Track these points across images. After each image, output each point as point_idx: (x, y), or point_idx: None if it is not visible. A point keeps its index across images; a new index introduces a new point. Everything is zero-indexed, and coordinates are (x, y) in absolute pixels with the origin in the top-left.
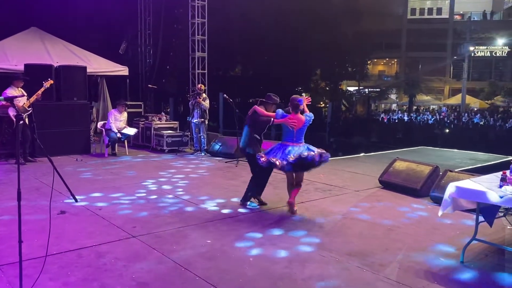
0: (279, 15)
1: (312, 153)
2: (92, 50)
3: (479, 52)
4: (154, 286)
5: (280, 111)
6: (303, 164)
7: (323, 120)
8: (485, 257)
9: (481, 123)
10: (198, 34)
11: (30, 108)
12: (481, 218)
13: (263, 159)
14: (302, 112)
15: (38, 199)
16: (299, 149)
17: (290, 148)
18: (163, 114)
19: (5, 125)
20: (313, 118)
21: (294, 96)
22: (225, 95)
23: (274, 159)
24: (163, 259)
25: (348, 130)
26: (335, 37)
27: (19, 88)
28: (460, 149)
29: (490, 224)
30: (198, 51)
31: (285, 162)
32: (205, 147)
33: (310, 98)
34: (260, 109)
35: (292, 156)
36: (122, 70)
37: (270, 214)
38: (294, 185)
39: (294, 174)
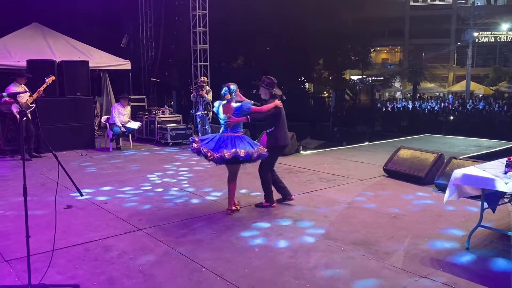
0: (280, 5)
1: (251, 150)
2: (93, 45)
3: (483, 38)
4: (161, 278)
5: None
6: (238, 161)
7: (327, 109)
8: (490, 243)
9: (486, 108)
10: (199, 26)
11: (33, 105)
12: (486, 205)
13: (195, 145)
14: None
15: (44, 194)
16: (233, 143)
17: (223, 140)
18: (166, 107)
19: (9, 121)
20: (243, 105)
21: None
22: None
23: (206, 150)
24: (169, 251)
25: (352, 119)
26: (337, 26)
27: (22, 85)
28: (464, 136)
29: (493, 210)
30: (200, 43)
31: (218, 155)
32: None
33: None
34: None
35: (227, 153)
36: (124, 64)
37: (275, 204)
38: (231, 181)
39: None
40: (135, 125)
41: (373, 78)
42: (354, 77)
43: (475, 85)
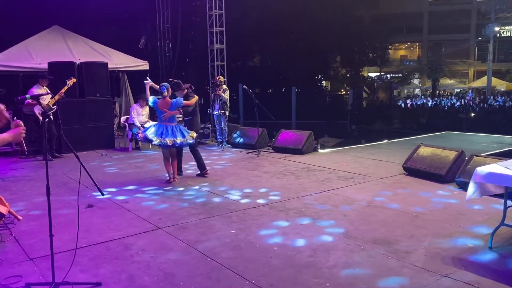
0: (296, 4)
1: (182, 139)
2: (112, 46)
3: (504, 32)
4: (181, 276)
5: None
6: (176, 147)
7: (345, 107)
8: None
9: (508, 104)
10: (216, 26)
11: (54, 106)
12: (509, 203)
13: (140, 135)
14: (171, 97)
15: (66, 194)
16: (173, 132)
17: (163, 128)
18: None
19: (31, 123)
20: (180, 102)
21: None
22: (244, 86)
23: (150, 136)
24: (189, 250)
25: (370, 116)
26: (354, 23)
27: (44, 87)
28: (486, 133)
29: None
30: (217, 43)
31: (164, 142)
32: (226, 139)
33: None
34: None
35: (169, 140)
36: (142, 65)
37: (293, 203)
38: (172, 159)
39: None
40: None
41: (391, 75)
42: (372, 74)
43: (496, 81)
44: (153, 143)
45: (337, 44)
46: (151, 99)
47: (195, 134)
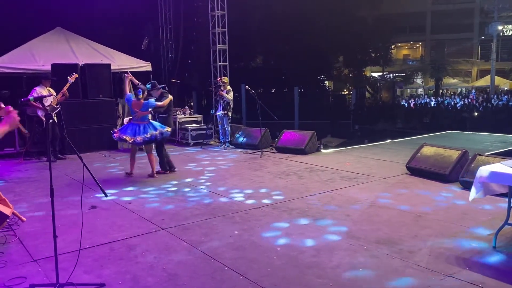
0: (299, 3)
1: (154, 132)
2: (115, 47)
3: (508, 31)
4: (184, 277)
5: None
6: (149, 142)
7: (347, 107)
8: None
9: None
10: (218, 27)
11: (58, 106)
12: None
13: (115, 135)
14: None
15: (69, 195)
16: (145, 129)
17: (136, 127)
18: (187, 108)
19: (35, 124)
20: (151, 103)
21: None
22: (247, 86)
23: (124, 136)
24: (192, 250)
25: (373, 116)
26: (356, 22)
27: (48, 88)
28: (489, 132)
29: None
30: (219, 44)
31: (136, 140)
32: (229, 139)
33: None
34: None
35: (140, 138)
36: (145, 66)
37: (296, 203)
38: (149, 154)
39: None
40: None
41: (394, 74)
42: (375, 74)
43: (500, 80)
44: (126, 142)
45: (339, 44)
46: (127, 96)
47: (169, 129)
